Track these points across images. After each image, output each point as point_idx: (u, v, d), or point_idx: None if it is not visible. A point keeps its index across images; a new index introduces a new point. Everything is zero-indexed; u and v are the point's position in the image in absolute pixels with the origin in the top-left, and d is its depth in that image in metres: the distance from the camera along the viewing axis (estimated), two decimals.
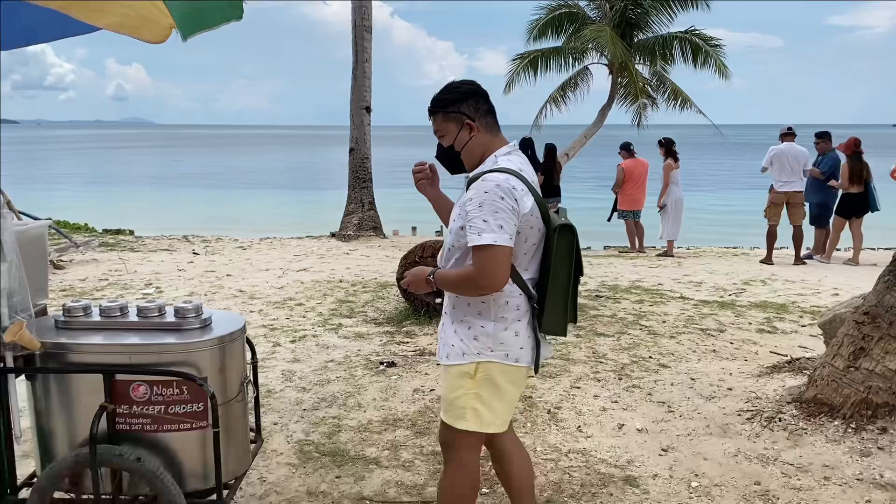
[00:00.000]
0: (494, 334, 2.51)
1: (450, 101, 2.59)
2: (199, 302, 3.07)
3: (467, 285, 2.47)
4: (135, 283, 8.18)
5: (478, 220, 2.37)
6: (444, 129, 2.61)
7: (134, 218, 17.57)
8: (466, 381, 2.54)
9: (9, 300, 2.78)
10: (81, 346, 2.85)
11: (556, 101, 19.20)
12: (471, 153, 2.60)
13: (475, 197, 2.40)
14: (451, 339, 2.59)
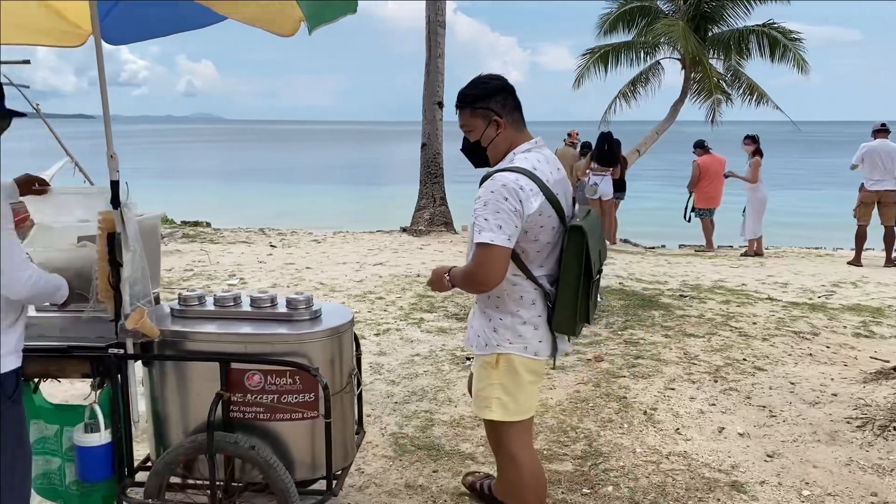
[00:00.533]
0: (512, 327, 2.59)
1: (478, 97, 2.60)
2: (310, 294, 3.10)
3: (468, 281, 2.58)
4: (218, 274, 8.37)
5: (480, 219, 2.44)
6: (472, 125, 2.63)
7: (208, 210, 18.00)
8: (490, 371, 2.64)
9: (131, 288, 2.86)
10: (197, 335, 2.91)
11: (626, 97, 18.93)
12: (496, 149, 2.62)
13: (482, 195, 2.46)
14: (476, 329, 2.70)
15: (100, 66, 2.77)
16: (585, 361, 5.19)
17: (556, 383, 4.77)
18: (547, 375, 4.91)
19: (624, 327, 6.08)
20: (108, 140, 2.79)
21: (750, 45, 17.01)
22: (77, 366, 2.95)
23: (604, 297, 6.95)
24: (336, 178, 36.00)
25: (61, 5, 3.12)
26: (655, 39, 17.23)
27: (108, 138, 2.79)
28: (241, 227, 13.41)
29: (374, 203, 24.06)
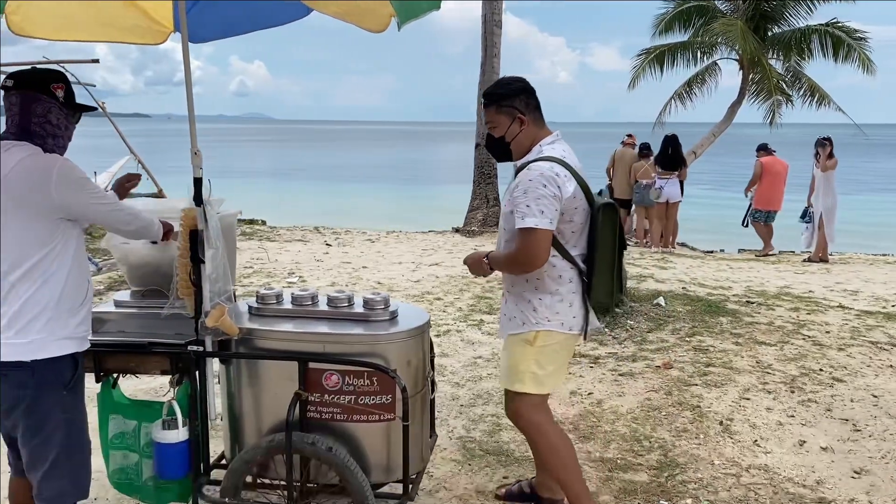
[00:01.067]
0: (551, 305, 2.80)
1: (504, 96, 2.82)
2: (386, 294, 3.06)
3: (512, 264, 2.79)
4: (278, 272, 8.44)
5: (522, 206, 2.64)
6: (497, 121, 2.84)
7: (262, 208, 18.22)
8: (526, 347, 2.85)
9: (212, 286, 2.86)
10: (276, 334, 2.89)
11: (682, 98, 18.56)
12: (519, 144, 2.83)
13: (521, 184, 2.67)
14: (512, 312, 2.90)
15: (186, 64, 2.77)
16: (654, 368, 5.06)
17: (625, 390, 4.66)
18: (616, 383, 4.80)
19: (691, 333, 5.91)
20: (193, 137, 2.78)
21: (812, 45, 16.50)
22: (156, 362, 2.97)
23: (667, 301, 6.79)
24: (385, 178, 36.16)
25: (146, 4, 3.14)
26: (713, 39, 16.84)
27: (193, 135, 2.78)
28: (297, 226, 13.53)
29: (424, 203, 24.08)
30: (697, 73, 18.10)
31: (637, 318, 6.27)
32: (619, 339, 5.79)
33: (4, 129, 2.48)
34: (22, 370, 2.37)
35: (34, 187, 2.32)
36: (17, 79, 2.46)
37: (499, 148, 2.90)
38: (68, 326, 2.49)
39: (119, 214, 2.59)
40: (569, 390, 4.67)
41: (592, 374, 4.94)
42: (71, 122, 2.57)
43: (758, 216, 11.61)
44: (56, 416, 2.46)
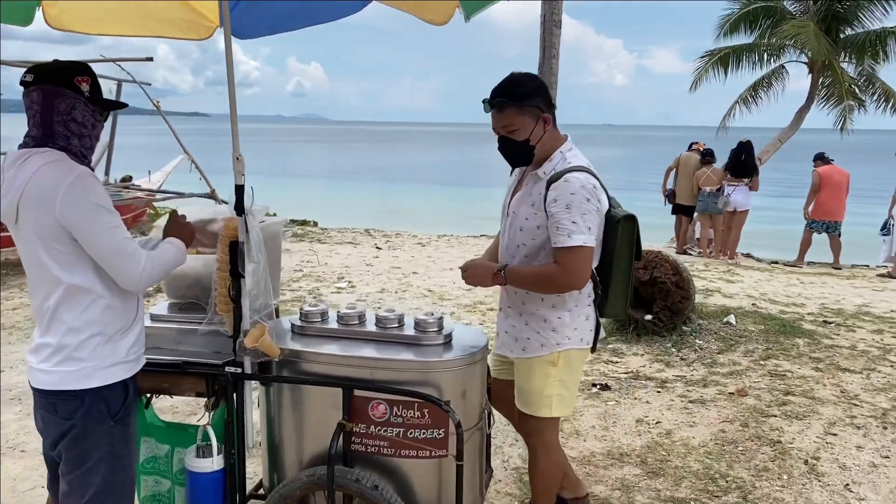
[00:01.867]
0: (571, 322, 2.63)
1: (525, 95, 2.53)
2: (440, 314, 2.78)
3: (546, 283, 2.57)
4: (327, 276, 8.25)
5: (566, 222, 2.44)
6: (518, 123, 2.55)
7: (314, 209, 18.20)
8: (549, 370, 2.66)
9: (252, 302, 2.62)
10: (320, 356, 2.64)
11: (746, 102, 17.93)
12: (543, 147, 2.58)
13: (560, 198, 2.46)
14: (523, 332, 2.69)
15: (228, 62, 2.53)
16: (727, 395, 4.66)
17: (696, 419, 4.28)
18: (686, 410, 4.43)
19: (766, 356, 5.48)
20: (235, 140, 2.54)
21: (887, 48, 15.71)
22: (191, 383, 2.74)
23: (738, 319, 6.35)
24: (437, 179, 35.98)
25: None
26: (781, 42, 16.16)
27: (235, 138, 2.54)
28: (348, 228, 13.39)
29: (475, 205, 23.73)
30: (764, 76, 17.45)
31: (706, 338, 5.86)
32: (687, 360, 5.40)
33: (25, 133, 2.26)
34: (71, 399, 2.20)
35: (42, 201, 2.09)
36: (37, 73, 2.21)
37: (520, 152, 2.61)
38: (118, 351, 2.29)
39: (125, 258, 2.18)
40: (634, 418, 4.31)
41: (660, 400, 4.57)
42: (98, 119, 2.32)
43: (815, 226, 11.10)
44: (100, 450, 2.25)
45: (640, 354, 5.56)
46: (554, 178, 2.52)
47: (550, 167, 2.57)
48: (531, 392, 2.70)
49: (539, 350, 2.67)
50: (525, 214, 2.60)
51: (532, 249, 2.61)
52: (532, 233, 2.59)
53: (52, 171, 2.11)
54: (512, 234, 2.67)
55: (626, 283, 2.69)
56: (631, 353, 5.58)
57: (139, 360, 2.41)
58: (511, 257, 2.69)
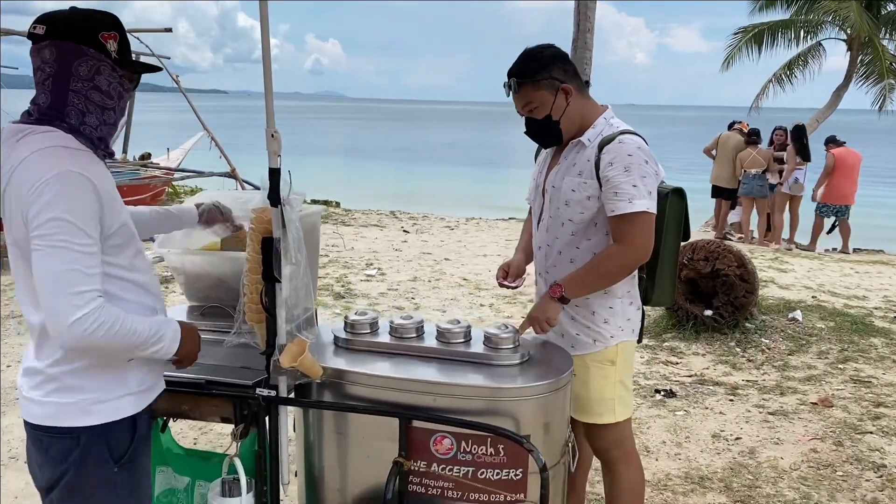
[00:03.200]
0: (623, 311, 2.37)
1: (537, 69, 2.29)
2: (513, 328, 2.31)
3: (612, 268, 2.28)
4: (355, 262, 7.81)
5: (626, 185, 2.19)
6: (537, 100, 2.30)
7: (335, 189, 17.77)
8: (607, 369, 2.39)
9: (290, 312, 2.15)
10: (372, 378, 2.17)
11: (781, 81, 17.24)
12: (570, 120, 2.32)
13: (617, 160, 2.20)
14: (570, 328, 2.40)
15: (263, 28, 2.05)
16: (810, 406, 4.17)
17: (781, 435, 3.79)
18: (767, 424, 3.93)
19: (843, 359, 4.97)
20: (269, 115, 2.06)
21: None
22: (215, 406, 2.29)
23: (803, 315, 5.83)
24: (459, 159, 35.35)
25: None
26: (820, 17, 15.43)
27: (270, 113, 2.06)
28: (372, 209, 12.94)
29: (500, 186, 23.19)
30: (799, 53, 16.75)
31: (772, 336, 5.35)
32: (755, 362, 4.90)
33: (31, 100, 1.79)
34: (64, 438, 1.74)
35: (19, 200, 1.61)
36: (51, 23, 1.69)
37: (546, 130, 2.35)
38: (126, 380, 1.81)
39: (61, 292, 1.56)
40: (709, 432, 3.83)
41: (735, 411, 4.09)
42: (126, 88, 1.81)
43: (824, 211, 10.65)
44: (100, 501, 1.81)
45: (701, 354, 5.06)
46: (606, 140, 2.27)
47: (595, 133, 2.32)
48: (588, 397, 2.40)
49: (592, 347, 2.38)
50: (571, 186, 2.32)
51: (580, 225, 2.33)
52: (581, 205, 2.30)
53: (43, 163, 1.60)
54: (554, 211, 2.38)
55: (673, 267, 2.44)
56: (691, 353, 5.09)
57: (153, 389, 1.95)
58: (553, 238, 2.40)
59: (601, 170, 2.24)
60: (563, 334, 2.43)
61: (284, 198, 2.09)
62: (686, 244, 5.61)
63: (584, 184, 2.29)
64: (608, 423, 2.43)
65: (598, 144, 2.28)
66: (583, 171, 2.30)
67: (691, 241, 5.65)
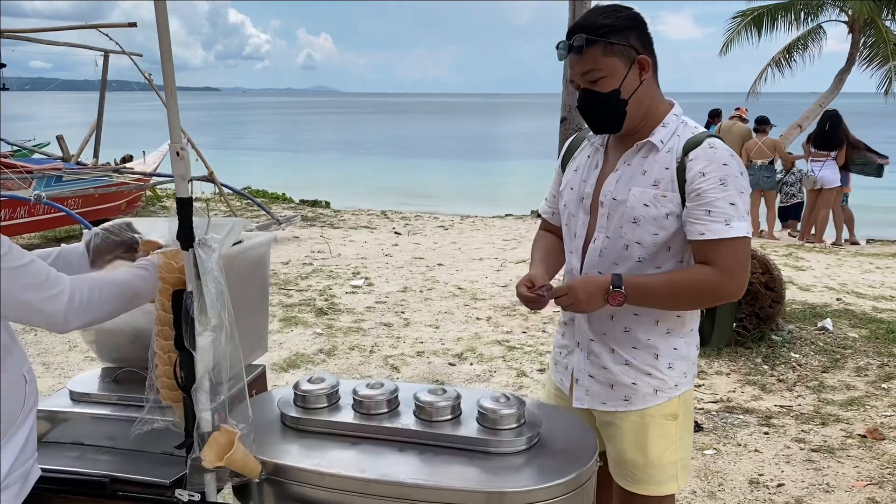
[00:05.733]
0: (687, 355, 1.93)
1: (614, 29, 1.78)
2: (517, 398, 1.74)
3: (704, 294, 1.82)
4: (341, 271, 7.23)
5: (722, 203, 1.74)
6: (606, 68, 1.78)
7: (326, 187, 17.20)
8: (669, 426, 1.91)
9: (212, 393, 1.59)
10: (325, 478, 1.61)
11: (780, 65, 16.73)
12: (638, 105, 1.82)
13: (711, 171, 1.75)
14: (624, 375, 1.90)
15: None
16: (858, 439, 3.62)
17: (830, 479, 3.24)
18: (811, 464, 3.39)
19: (885, 376, 4.42)
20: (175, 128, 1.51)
21: None
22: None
23: (833, 323, 5.29)
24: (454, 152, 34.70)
25: None
26: None
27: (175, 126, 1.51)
28: (363, 210, 12.35)
29: (496, 180, 22.64)
30: (799, 37, 16.23)
31: (802, 350, 4.80)
32: (786, 382, 4.35)
33: None
34: None
35: None
36: None
37: (608, 109, 1.81)
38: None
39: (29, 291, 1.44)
40: (746, 476, 3.28)
41: (772, 447, 3.54)
42: None
43: None
44: None
45: (725, 373, 4.51)
46: (692, 143, 1.80)
47: (668, 134, 1.84)
48: (646, 463, 1.90)
49: (653, 399, 1.89)
50: (643, 199, 1.81)
51: (651, 249, 1.83)
52: (656, 224, 1.81)
53: None
54: (614, 231, 1.86)
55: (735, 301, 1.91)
56: (713, 372, 4.53)
57: (26, 480, 1.46)
58: (611, 265, 1.87)
59: (689, 181, 1.77)
60: (613, 385, 1.91)
61: (201, 238, 1.53)
62: None
63: (664, 197, 1.80)
64: (665, 496, 1.94)
65: (681, 148, 1.80)
66: (659, 180, 1.81)
67: None
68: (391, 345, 5.09)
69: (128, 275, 1.65)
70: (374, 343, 5.12)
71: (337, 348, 5.02)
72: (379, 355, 4.89)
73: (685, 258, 1.86)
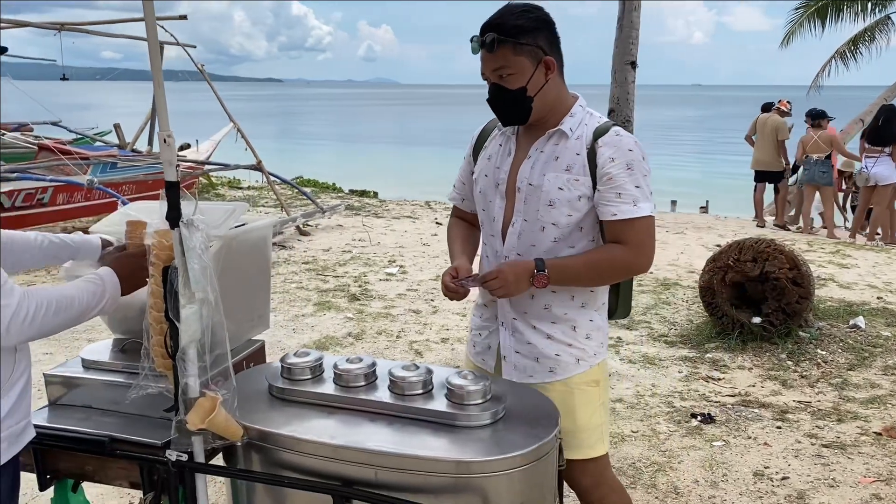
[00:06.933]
0: (601, 325, 2.12)
1: (524, 30, 1.92)
2: (485, 379, 1.84)
3: (616, 270, 2.03)
4: (377, 259, 7.39)
5: (629, 186, 1.93)
6: (515, 66, 1.93)
7: (377, 177, 17.46)
8: (592, 392, 2.09)
9: (198, 360, 1.73)
10: (302, 443, 1.73)
11: (844, 57, 16.25)
12: (544, 101, 1.97)
13: (618, 156, 1.93)
14: (547, 348, 2.06)
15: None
16: (873, 437, 3.58)
17: (837, 475, 3.23)
18: (820, 459, 3.37)
19: None
20: (162, 118, 1.64)
21: None
22: (122, 468, 1.91)
23: (867, 322, 5.19)
24: None
25: None
26: None
27: (162, 115, 1.64)
28: (407, 199, 12.51)
29: None
30: (866, 28, 15.74)
31: (829, 347, 4.74)
32: (808, 378, 4.31)
33: None
34: None
35: None
36: None
37: (515, 105, 1.97)
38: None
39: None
40: (751, 469, 3.29)
41: (783, 442, 3.53)
42: None
43: None
44: None
45: (747, 368, 4.50)
46: (600, 131, 1.96)
47: (576, 122, 2.00)
48: (575, 428, 2.04)
49: (575, 368, 2.07)
50: (557, 183, 1.96)
51: (566, 230, 1.99)
52: (570, 206, 1.97)
53: None
54: (531, 214, 2.00)
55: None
56: (735, 367, 4.52)
57: (15, 442, 1.61)
58: (529, 246, 2.02)
59: (600, 166, 1.94)
60: (538, 358, 2.07)
61: (187, 217, 1.66)
62: (732, 243, 5.03)
63: (576, 181, 1.96)
64: (597, 457, 2.11)
65: (591, 135, 1.97)
66: (572, 166, 1.97)
67: (737, 239, 5.06)
68: (417, 331, 5.22)
69: (77, 290, 1.68)
70: (402, 329, 5.25)
71: (365, 332, 5.17)
72: (405, 340, 5.02)
73: (595, 237, 2.02)
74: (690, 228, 9.86)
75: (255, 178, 12.54)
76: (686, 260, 7.59)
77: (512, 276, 1.93)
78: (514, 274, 1.93)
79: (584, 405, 2.07)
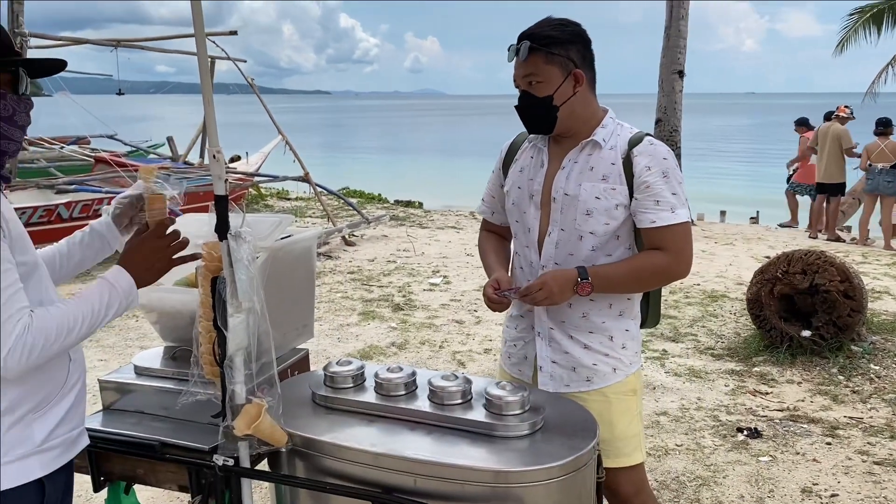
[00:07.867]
0: (636, 335, 2.15)
1: (557, 41, 1.97)
2: (521, 389, 1.85)
3: (658, 277, 2.07)
4: (422, 269, 7.45)
5: (666, 193, 1.97)
6: (544, 75, 1.97)
7: (422, 188, 17.57)
8: (630, 401, 2.12)
9: (245, 368, 1.79)
10: (344, 450, 1.77)
11: None
12: (570, 112, 2.01)
13: (654, 164, 1.97)
14: (584, 358, 2.08)
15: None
16: None
17: (889, 493, 3.13)
18: (871, 477, 3.28)
19: None
20: (212, 134, 1.71)
21: None
22: (171, 472, 1.98)
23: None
24: None
25: None
26: None
27: (212, 132, 1.71)
28: (451, 210, 12.58)
29: None
30: None
31: (883, 361, 4.62)
32: (860, 393, 4.20)
33: None
34: None
35: None
36: None
37: (541, 113, 2.01)
38: (31, 436, 1.54)
39: None
40: (799, 485, 3.23)
41: (833, 457, 3.45)
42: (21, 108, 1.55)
43: (797, 188, 11.25)
44: None
45: (796, 382, 4.40)
46: (635, 140, 2.01)
47: (608, 133, 2.04)
48: (613, 437, 2.07)
49: (612, 377, 2.09)
50: (594, 193, 2.00)
51: (603, 239, 2.02)
52: (607, 215, 2.00)
53: None
54: (568, 223, 2.04)
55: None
56: (784, 381, 4.44)
57: (70, 448, 1.65)
58: (567, 255, 2.05)
59: (637, 175, 1.98)
60: (575, 367, 2.09)
61: (235, 230, 1.72)
62: (781, 255, 4.95)
63: (613, 190, 2.00)
64: (635, 465, 2.14)
65: (625, 145, 2.01)
66: (607, 175, 2.00)
67: (786, 251, 4.97)
68: (460, 341, 5.24)
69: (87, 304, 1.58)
70: (445, 339, 5.28)
71: (409, 342, 5.22)
72: (448, 350, 5.05)
73: (631, 245, 2.05)
74: (740, 239, 9.69)
75: (302, 189, 12.75)
76: (735, 272, 7.46)
77: (556, 286, 1.96)
78: (558, 284, 1.96)
79: (622, 414, 2.10)
